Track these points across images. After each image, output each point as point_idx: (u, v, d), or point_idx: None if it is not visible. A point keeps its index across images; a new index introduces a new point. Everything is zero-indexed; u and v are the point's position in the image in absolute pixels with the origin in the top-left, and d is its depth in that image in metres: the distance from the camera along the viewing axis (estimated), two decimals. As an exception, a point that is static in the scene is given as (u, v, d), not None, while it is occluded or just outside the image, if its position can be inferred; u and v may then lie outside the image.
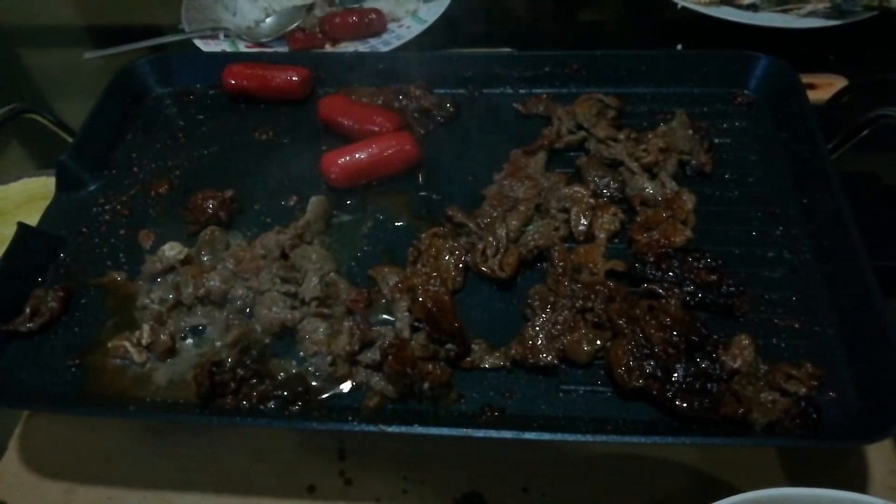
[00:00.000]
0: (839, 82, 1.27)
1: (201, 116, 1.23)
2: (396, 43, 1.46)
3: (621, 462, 0.84)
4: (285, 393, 0.84)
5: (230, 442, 0.91)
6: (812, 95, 1.22)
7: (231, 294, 0.95)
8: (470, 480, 0.85)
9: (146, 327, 0.92)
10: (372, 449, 0.88)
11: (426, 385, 0.82)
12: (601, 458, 0.84)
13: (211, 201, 1.04)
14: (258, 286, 0.94)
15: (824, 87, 1.27)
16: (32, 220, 1.08)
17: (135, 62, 1.26)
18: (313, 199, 1.04)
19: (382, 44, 1.47)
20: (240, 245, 1.01)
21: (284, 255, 0.98)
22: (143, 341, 0.91)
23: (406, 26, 1.51)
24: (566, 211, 0.99)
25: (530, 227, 0.98)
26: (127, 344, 0.91)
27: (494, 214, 0.98)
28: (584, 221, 0.97)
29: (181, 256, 0.99)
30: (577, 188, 1.00)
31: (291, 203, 1.07)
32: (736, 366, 0.81)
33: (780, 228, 0.97)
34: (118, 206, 1.09)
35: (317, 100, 1.18)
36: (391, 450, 0.88)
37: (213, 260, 1.00)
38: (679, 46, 1.44)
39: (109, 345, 0.92)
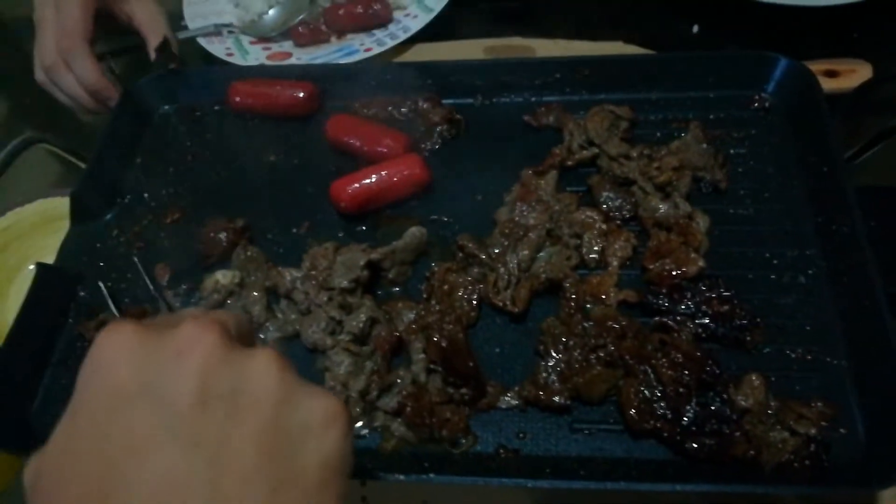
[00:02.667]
0: (863, 68, 1.21)
1: (209, 135, 1.22)
2: (403, 36, 1.42)
3: (633, 495, 0.86)
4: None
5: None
6: (834, 84, 1.18)
7: (293, 296, 0.97)
8: (490, 508, 0.87)
9: None
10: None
11: (444, 432, 0.84)
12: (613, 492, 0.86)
13: (223, 233, 1.05)
14: (314, 296, 0.95)
15: (847, 75, 1.21)
16: (49, 242, 1.09)
17: (140, 81, 1.24)
18: (413, 231, 1.01)
19: (389, 36, 1.44)
20: (319, 249, 1.00)
21: (371, 266, 0.97)
22: None
23: (413, 15, 1.47)
24: (578, 236, 0.98)
25: (542, 255, 0.98)
26: None
27: (506, 244, 0.97)
28: (595, 248, 0.97)
29: (237, 280, 1.01)
30: (588, 213, 0.99)
31: (303, 230, 1.07)
32: (747, 405, 0.82)
33: (796, 250, 0.95)
34: (132, 238, 1.09)
35: (325, 114, 1.17)
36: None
37: (259, 279, 1.00)
38: (695, 28, 1.39)
39: None
